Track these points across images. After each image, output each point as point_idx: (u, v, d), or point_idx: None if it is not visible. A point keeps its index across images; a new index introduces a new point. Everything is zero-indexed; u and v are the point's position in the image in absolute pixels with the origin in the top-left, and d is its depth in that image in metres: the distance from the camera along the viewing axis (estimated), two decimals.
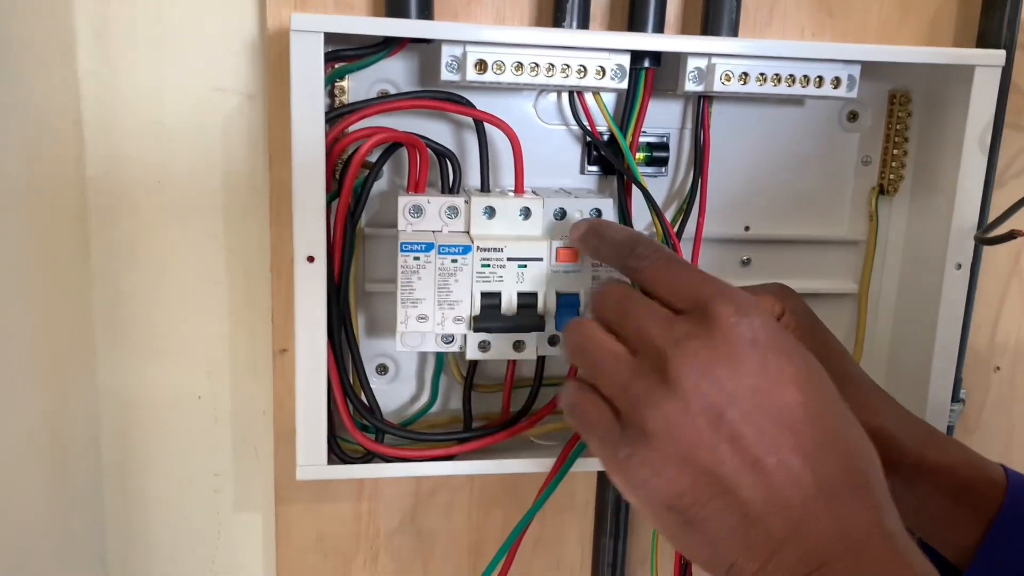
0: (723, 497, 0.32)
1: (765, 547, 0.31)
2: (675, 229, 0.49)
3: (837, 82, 0.47)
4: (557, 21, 0.46)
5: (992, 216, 0.51)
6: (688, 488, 0.32)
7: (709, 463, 0.32)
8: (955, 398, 0.55)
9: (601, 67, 0.44)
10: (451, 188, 0.46)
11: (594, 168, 0.50)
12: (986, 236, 0.43)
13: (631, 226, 0.49)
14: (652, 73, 0.47)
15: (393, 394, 0.52)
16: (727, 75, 0.45)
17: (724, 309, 0.33)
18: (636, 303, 0.35)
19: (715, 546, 0.32)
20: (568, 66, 0.44)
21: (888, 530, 0.31)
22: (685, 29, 0.50)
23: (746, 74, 0.45)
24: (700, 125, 0.49)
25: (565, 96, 0.48)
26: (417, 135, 0.44)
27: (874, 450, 0.34)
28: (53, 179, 0.46)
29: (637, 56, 0.46)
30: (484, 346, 0.45)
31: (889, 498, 0.33)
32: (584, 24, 0.46)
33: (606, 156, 0.48)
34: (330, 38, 0.42)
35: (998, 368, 0.59)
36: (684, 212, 0.49)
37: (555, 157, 0.50)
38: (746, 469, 0.31)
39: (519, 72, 0.43)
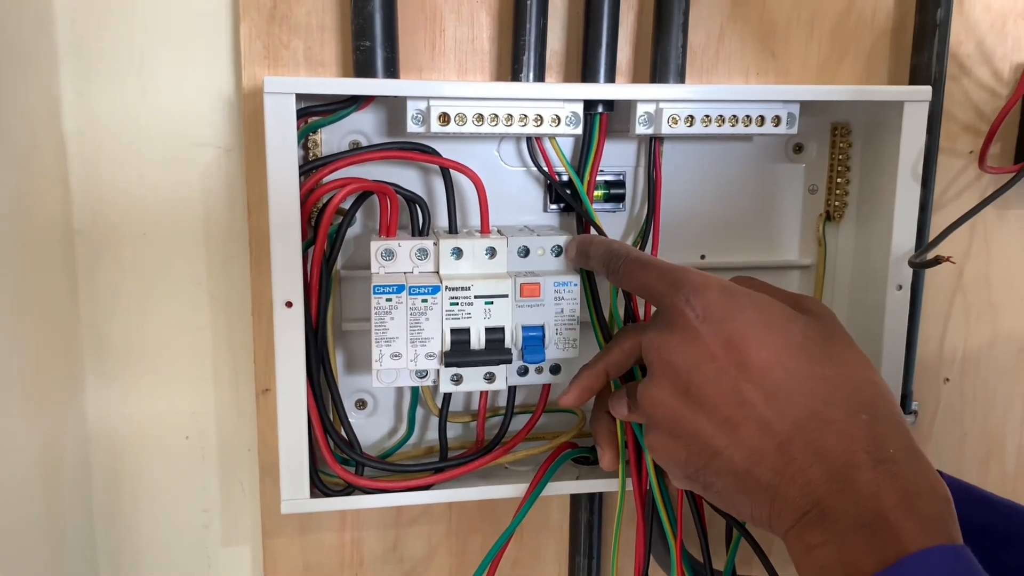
0: (714, 460, 0.35)
1: (763, 495, 0.34)
2: None
3: (777, 120, 0.50)
4: (515, 73, 0.49)
5: (931, 237, 0.55)
6: (687, 458, 0.37)
7: (691, 431, 0.36)
8: (906, 410, 0.58)
9: (556, 115, 0.47)
10: (421, 231, 0.49)
11: (555, 206, 0.53)
12: (917, 260, 0.46)
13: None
14: (606, 117, 0.50)
15: (372, 428, 0.54)
16: (674, 118, 0.48)
17: (676, 299, 0.38)
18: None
19: (734, 502, 0.36)
20: (526, 116, 0.47)
21: (879, 457, 0.32)
22: (636, 74, 0.53)
23: (692, 116, 0.48)
24: (652, 164, 0.52)
25: (524, 142, 0.51)
26: (387, 183, 0.47)
27: (868, 375, 0.35)
28: (41, 233, 0.48)
29: (591, 103, 0.49)
30: (456, 379, 0.48)
31: (890, 423, 0.33)
32: (540, 75, 0.50)
33: (564, 198, 0.51)
34: (302, 95, 0.45)
35: (947, 379, 0.62)
36: (640, 244, 0.52)
37: (519, 197, 0.53)
38: (721, 430, 0.35)
39: (480, 123, 0.46)
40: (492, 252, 0.48)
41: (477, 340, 0.46)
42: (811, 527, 0.32)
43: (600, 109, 0.49)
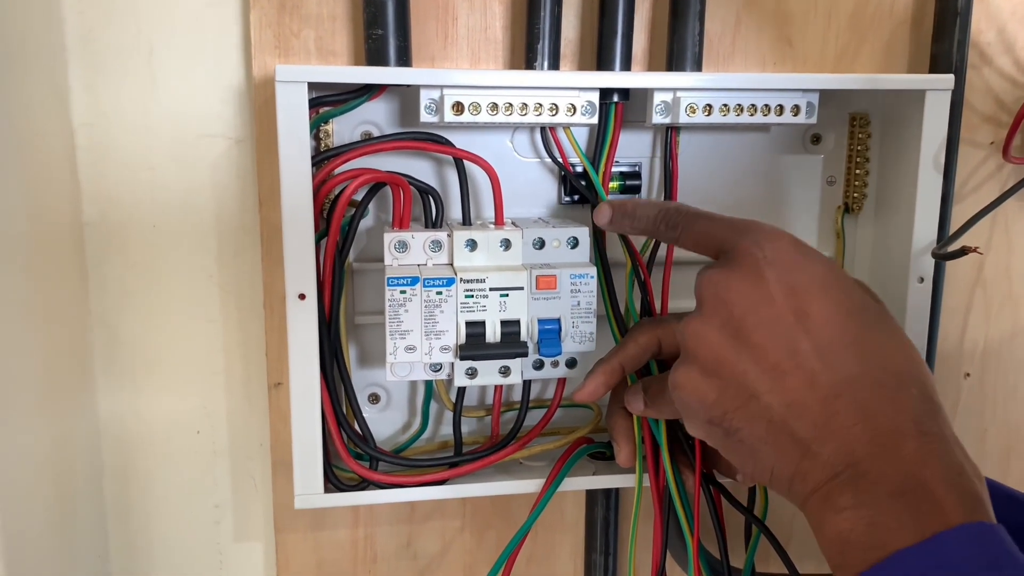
0: (748, 404, 0.34)
1: (793, 450, 0.33)
2: (649, 253, 0.51)
3: (796, 109, 0.49)
4: (529, 62, 0.48)
5: (952, 230, 0.54)
6: (717, 398, 0.35)
7: (732, 372, 0.34)
8: None
9: (572, 104, 0.46)
10: (434, 222, 0.48)
11: (570, 198, 0.52)
12: (941, 252, 0.45)
13: (603, 244, 0.51)
14: (622, 107, 0.49)
15: (385, 422, 0.53)
16: (691, 107, 0.47)
17: (743, 242, 0.36)
18: None
19: (755, 455, 0.34)
20: (540, 105, 0.46)
21: (924, 430, 0.31)
22: (652, 64, 0.53)
23: (709, 106, 0.48)
24: (669, 154, 0.51)
25: (538, 132, 0.50)
26: (400, 174, 0.47)
27: (918, 356, 0.35)
28: (52, 226, 0.48)
29: (606, 92, 0.48)
30: (471, 373, 0.47)
31: (934, 402, 0.33)
32: (555, 64, 0.49)
33: (579, 189, 0.51)
34: (314, 85, 0.44)
35: (968, 374, 0.61)
36: None
37: (533, 188, 0.52)
38: (765, 375, 0.34)
39: (494, 112, 0.45)
40: (507, 244, 0.47)
41: (492, 333, 0.46)
42: (842, 489, 0.31)
43: (616, 99, 0.49)
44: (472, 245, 0.47)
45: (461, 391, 0.50)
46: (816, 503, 0.32)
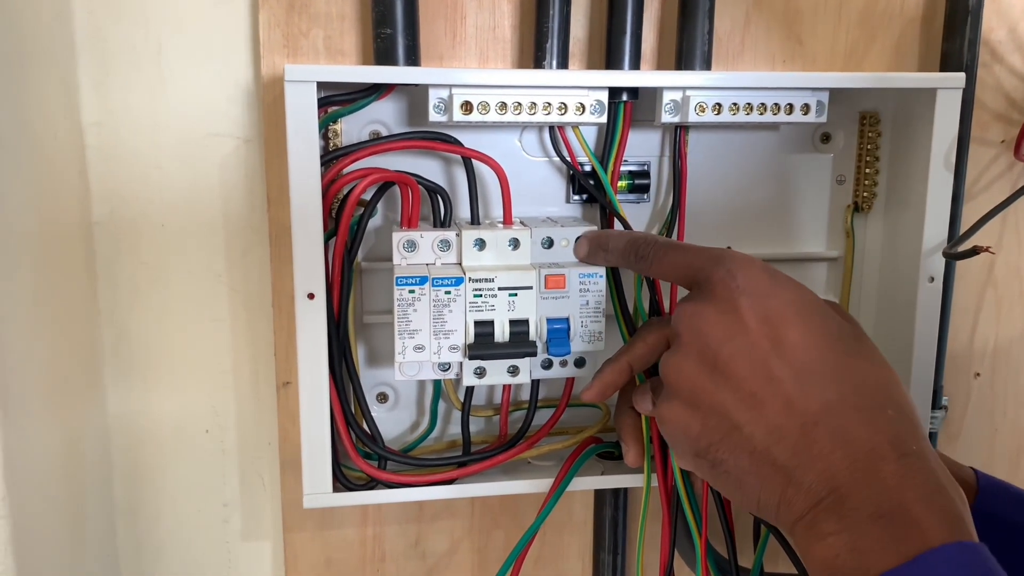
0: (731, 436, 0.34)
1: (777, 478, 0.33)
2: None
3: (806, 108, 0.49)
4: (538, 61, 0.48)
5: (963, 229, 0.53)
6: (701, 430, 0.35)
7: (712, 403, 0.35)
8: (937, 405, 0.57)
9: (581, 103, 0.46)
10: (443, 222, 0.48)
11: (579, 197, 0.52)
12: (953, 251, 0.45)
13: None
14: (630, 106, 0.49)
15: (394, 421, 0.53)
16: (701, 106, 0.47)
17: (716, 272, 0.36)
18: None
19: (741, 486, 0.34)
20: (549, 104, 0.46)
21: (904, 451, 0.31)
22: (661, 62, 0.52)
23: (719, 104, 0.47)
24: (678, 153, 0.51)
25: (547, 131, 0.50)
26: (409, 173, 0.47)
27: (894, 376, 0.35)
28: (61, 225, 0.48)
29: (615, 91, 0.48)
30: (480, 372, 0.47)
31: (912, 421, 0.33)
32: (564, 63, 0.49)
33: (587, 188, 0.51)
34: (323, 84, 0.44)
35: (978, 374, 0.61)
36: (666, 235, 0.51)
37: (542, 187, 0.52)
38: (744, 405, 0.34)
39: (503, 111, 0.45)
40: (516, 243, 0.47)
41: (501, 332, 0.46)
42: (826, 515, 0.31)
43: (624, 97, 0.48)
44: (481, 244, 0.47)
45: (469, 390, 0.50)
46: (802, 530, 0.32)
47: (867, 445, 0.32)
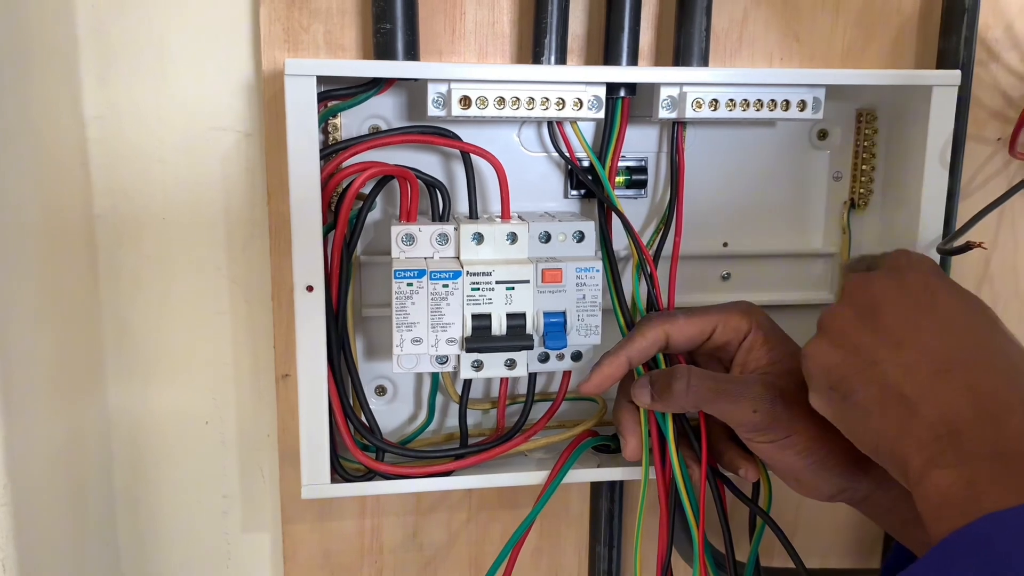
0: (867, 370, 0.37)
1: (901, 409, 0.35)
2: (655, 247, 0.51)
3: (803, 105, 0.49)
4: (536, 56, 0.49)
5: (958, 225, 0.54)
6: (839, 361, 0.38)
7: (857, 343, 0.38)
8: None
9: (579, 99, 0.47)
10: (441, 216, 0.48)
11: (576, 192, 0.52)
12: (947, 247, 0.45)
13: (613, 245, 0.51)
14: (628, 102, 0.49)
15: (392, 414, 0.54)
16: (698, 102, 0.47)
17: (894, 255, 0.41)
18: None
19: (867, 418, 0.36)
20: (547, 99, 0.46)
21: None
22: (659, 58, 0.53)
23: (716, 100, 0.48)
24: (675, 149, 0.51)
25: (545, 126, 0.51)
26: (408, 167, 0.47)
27: None
28: (63, 218, 0.49)
29: (613, 86, 0.48)
30: (477, 365, 0.48)
31: None
32: (562, 58, 0.49)
33: (585, 184, 0.51)
34: (322, 79, 0.44)
35: None
36: (663, 231, 0.52)
37: (540, 182, 0.52)
38: (885, 345, 0.37)
39: (501, 106, 0.46)
40: (513, 237, 0.47)
41: (498, 326, 0.46)
42: (946, 447, 0.32)
43: (622, 93, 0.49)
44: (479, 238, 0.47)
45: (467, 383, 0.51)
46: (918, 462, 0.33)
47: (997, 398, 0.33)
